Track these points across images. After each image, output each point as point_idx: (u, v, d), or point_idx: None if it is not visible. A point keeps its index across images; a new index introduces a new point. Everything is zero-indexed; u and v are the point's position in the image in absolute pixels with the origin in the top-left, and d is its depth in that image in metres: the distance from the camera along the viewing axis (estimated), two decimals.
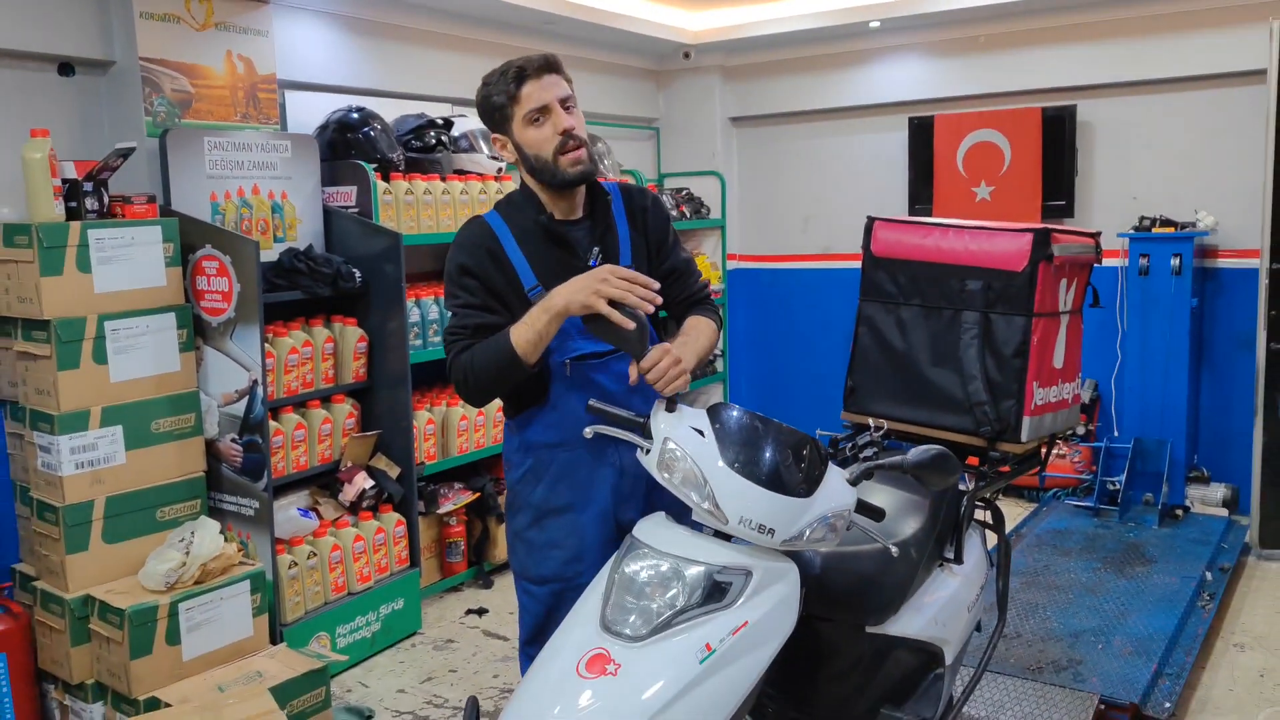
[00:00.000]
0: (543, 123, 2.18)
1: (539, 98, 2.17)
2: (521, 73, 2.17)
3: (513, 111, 2.19)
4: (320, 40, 4.48)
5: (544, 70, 2.19)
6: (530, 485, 2.30)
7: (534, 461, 2.29)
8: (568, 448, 2.26)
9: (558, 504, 2.28)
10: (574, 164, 2.21)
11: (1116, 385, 5.57)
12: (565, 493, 2.28)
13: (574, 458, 2.27)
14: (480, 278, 2.21)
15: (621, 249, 2.32)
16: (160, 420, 3.37)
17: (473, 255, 2.23)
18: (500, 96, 2.20)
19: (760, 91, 6.58)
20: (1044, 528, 4.96)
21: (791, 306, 6.73)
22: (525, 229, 2.26)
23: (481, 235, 2.25)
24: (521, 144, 2.21)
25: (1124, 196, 5.57)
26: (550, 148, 2.19)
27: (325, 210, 4.12)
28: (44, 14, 3.46)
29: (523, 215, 2.28)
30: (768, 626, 1.99)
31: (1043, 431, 3.01)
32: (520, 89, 2.17)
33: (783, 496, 2.00)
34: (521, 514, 2.33)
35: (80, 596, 3.18)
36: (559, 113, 2.18)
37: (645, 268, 2.33)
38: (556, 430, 2.27)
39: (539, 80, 2.18)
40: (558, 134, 2.18)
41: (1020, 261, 2.90)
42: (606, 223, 2.32)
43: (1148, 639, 3.66)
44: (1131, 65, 5.43)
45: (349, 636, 3.86)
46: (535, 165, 2.23)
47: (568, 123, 2.18)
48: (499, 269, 2.23)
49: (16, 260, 3.12)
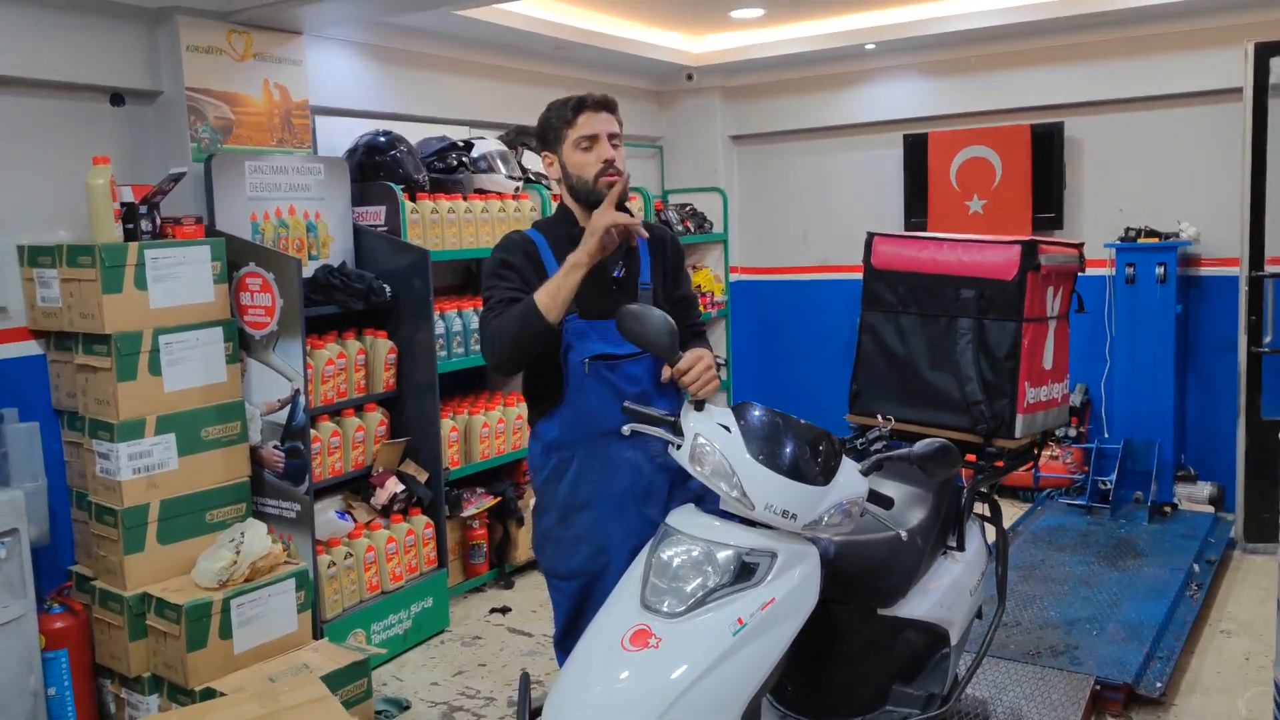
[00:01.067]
0: (589, 149, 2.47)
1: (591, 127, 2.46)
2: (581, 103, 2.46)
3: (566, 134, 2.48)
4: (348, 68, 4.72)
5: (601, 107, 2.47)
6: (554, 485, 2.53)
7: (556, 462, 2.53)
8: (584, 445, 2.50)
9: (580, 500, 2.51)
10: (609, 186, 2.47)
11: (1106, 389, 5.80)
12: (586, 489, 2.50)
13: (591, 455, 2.50)
14: (518, 270, 2.48)
15: (643, 269, 2.60)
16: (209, 428, 3.58)
17: (512, 253, 2.51)
18: (558, 120, 2.49)
19: (760, 111, 6.84)
20: (1039, 525, 5.18)
21: (792, 317, 6.96)
22: (559, 240, 2.53)
23: (521, 240, 2.55)
24: (567, 164, 2.50)
25: (1110, 209, 5.82)
26: (592, 171, 2.47)
27: (355, 229, 4.34)
28: (97, 49, 3.69)
29: (557, 229, 2.57)
30: (792, 602, 2.21)
31: (1035, 428, 3.24)
32: (577, 116, 2.46)
33: (803, 485, 2.21)
34: (549, 514, 2.56)
35: (138, 594, 3.38)
36: (605, 144, 2.47)
37: (661, 290, 2.61)
38: (573, 429, 2.50)
39: (595, 114, 2.46)
40: (600, 161, 2.46)
41: (1010, 271, 3.12)
42: (631, 244, 2.58)
43: (1139, 625, 3.89)
44: (1116, 84, 5.69)
45: (383, 633, 4.06)
46: (575, 184, 2.51)
47: (610, 154, 2.48)
48: (534, 267, 2.50)
49: (79, 279, 3.34)
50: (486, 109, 5.43)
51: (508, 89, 5.56)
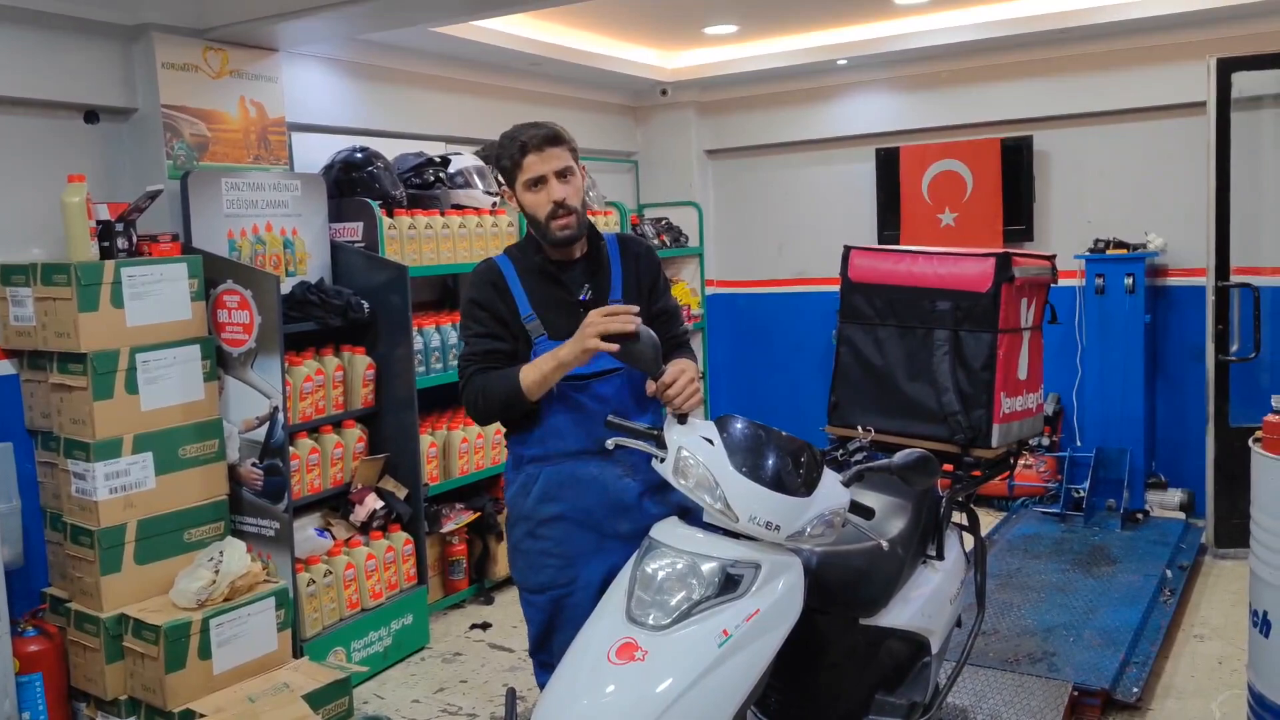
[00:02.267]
0: (539, 190, 2.46)
1: (537, 169, 2.44)
2: (524, 146, 2.43)
3: (515, 175, 2.48)
4: (324, 84, 4.72)
5: (545, 143, 2.44)
6: (522, 498, 2.55)
7: (525, 476, 2.55)
8: (553, 461, 2.52)
9: (547, 514, 2.52)
10: (561, 229, 2.48)
11: (1078, 398, 5.88)
12: (552, 503, 2.52)
13: (559, 470, 2.52)
14: (487, 309, 2.52)
15: (613, 285, 2.61)
16: (187, 446, 3.56)
17: (481, 290, 2.54)
18: (506, 161, 2.49)
19: (734, 125, 6.89)
20: (1015, 533, 5.24)
21: (768, 329, 7.00)
22: (527, 267, 2.56)
23: (488, 272, 2.57)
24: (521, 202, 2.51)
25: (1079, 220, 5.91)
26: (543, 213, 2.47)
27: (333, 245, 4.33)
28: (72, 66, 3.67)
29: (525, 256, 2.59)
30: (777, 612, 2.23)
31: (1011, 437, 3.28)
32: (523, 158, 2.44)
33: (786, 496, 2.24)
34: (518, 526, 2.58)
35: (115, 615, 3.35)
36: (554, 184, 2.45)
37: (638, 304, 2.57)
38: (541, 445, 2.52)
39: (540, 153, 2.43)
40: (550, 203, 2.45)
41: (985, 283, 3.17)
42: (599, 264, 2.60)
43: (1115, 631, 3.94)
44: (1083, 98, 5.79)
45: (363, 651, 4.04)
46: (532, 223, 2.53)
47: (559, 194, 2.45)
48: (502, 299, 2.53)
49: (54, 298, 3.31)
50: (463, 124, 5.44)
51: (484, 104, 5.58)
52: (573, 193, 2.47)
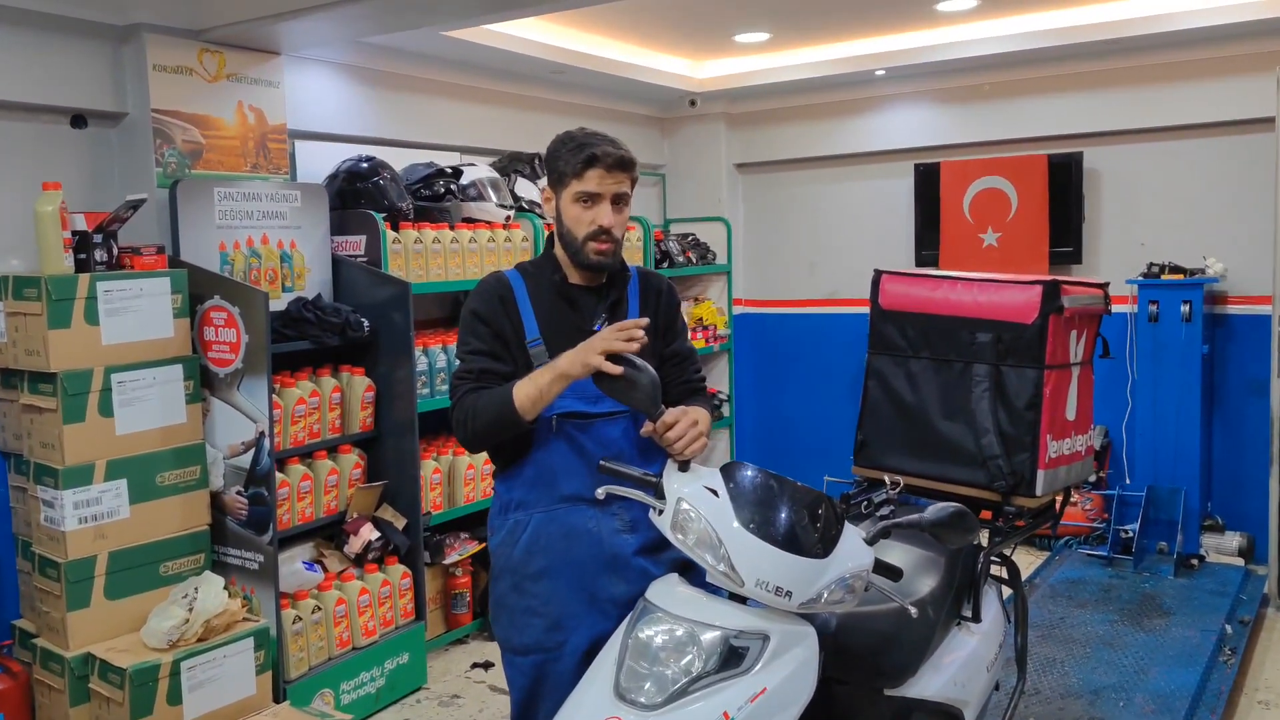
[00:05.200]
0: (589, 207, 2.25)
1: (596, 185, 2.23)
2: (593, 160, 2.22)
3: (570, 182, 2.26)
4: (330, 90, 4.50)
5: (615, 166, 2.25)
6: (509, 547, 2.30)
7: (512, 523, 2.29)
8: (542, 508, 2.26)
9: (535, 568, 2.26)
10: (598, 253, 2.27)
11: (1128, 432, 5.52)
12: (541, 556, 2.26)
13: (549, 519, 2.26)
14: (490, 324, 2.28)
15: (630, 316, 2.35)
16: (165, 473, 3.34)
17: (486, 303, 2.30)
18: (564, 165, 2.26)
19: (765, 138, 6.61)
20: (1058, 578, 4.89)
21: (798, 352, 6.70)
22: (540, 285, 2.33)
23: (497, 285, 2.33)
24: (563, 212, 2.29)
25: (1132, 243, 5.56)
26: (583, 231, 2.26)
27: (334, 259, 4.11)
28: (57, 67, 3.48)
29: (540, 273, 2.36)
30: (787, 692, 1.96)
31: (1057, 484, 2.98)
32: (586, 170, 2.23)
33: (799, 558, 1.97)
34: (503, 579, 2.32)
35: (81, 655, 3.13)
36: (605, 207, 2.25)
37: (650, 343, 2.35)
38: (532, 489, 2.26)
39: (605, 172, 2.24)
40: (595, 225, 2.25)
41: (1030, 314, 2.89)
42: (619, 294, 2.37)
43: (1170, 696, 3.59)
44: (1138, 113, 5.44)
45: (353, 693, 3.79)
46: (565, 235, 2.30)
47: (607, 221, 2.25)
48: (508, 317, 2.29)
49: (25, 313, 3.11)
50: (478, 134, 5.21)
51: (501, 114, 5.34)
52: (620, 223, 2.29)
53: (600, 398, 2.20)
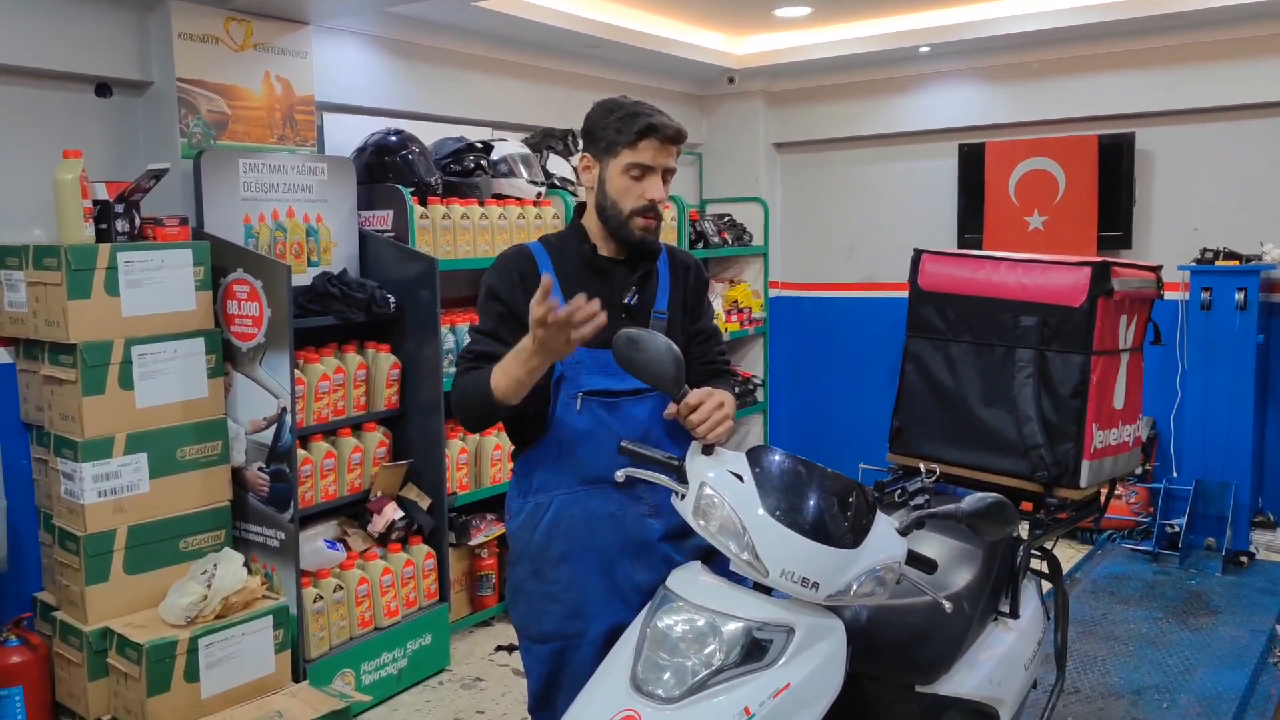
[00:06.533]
0: (639, 180, 2.14)
1: (650, 158, 2.13)
2: (651, 130, 2.12)
3: (620, 151, 2.14)
4: (359, 62, 4.43)
5: (671, 139, 2.15)
6: (528, 532, 2.20)
7: (532, 506, 2.20)
8: (564, 490, 2.16)
9: (556, 553, 2.17)
10: (644, 229, 2.17)
11: (1175, 424, 5.33)
12: (562, 541, 2.16)
13: (571, 502, 2.16)
14: (505, 302, 2.17)
15: (659, 295, 2.26)
16: (186, 448, 3.30)
17: (503, 278, 2.19)
18: (615, 133, 2.14)
19: (805, 117, 6.46)
20: (1100, 572, 4.74)
21: (834, 337, 6.57)
22: (565, 257, 2.22)
23: (517, 259, 2.21)
24: (608, 183, 2.17)
25: (1184, 228, 5.36)
26: (630, 204, 2.15)
27: (361, 234, 4.04)
28: (82, 35, 3.44)
29: (566, 244, 2.24)
30: (812, 689, 1.86)
31: (1102, 476, 2.86)
32: (640, 140, 2.12)
33: (828, 547, 1.87)
34: (520, 564, 2.23)
35: (99, 629, 3.10)
36: (657, 180, 2.16)
37: (679, 320, 2.28)
38: (554, 471, 2.17)
39: (661, 145, 2.14)
40: (644, 198, 2.14)
41: (1078, 296, 2.76)
42: (650, 267, 2.27)
43: (1216, 698, 3.45)
44: (1194, 92, 5.24)
45: (374, 674, 3.74)
46: (608, 206, 2.18)
47: (658, 194, 2.16)
48: (527, 292, 2.14)
49: (45, 283, 3.07)
50: (510, 110, 5.12)
51: (533, 89, 5.24)
52: (665, 199, 2.19)
53: (628, 375, 2.10)
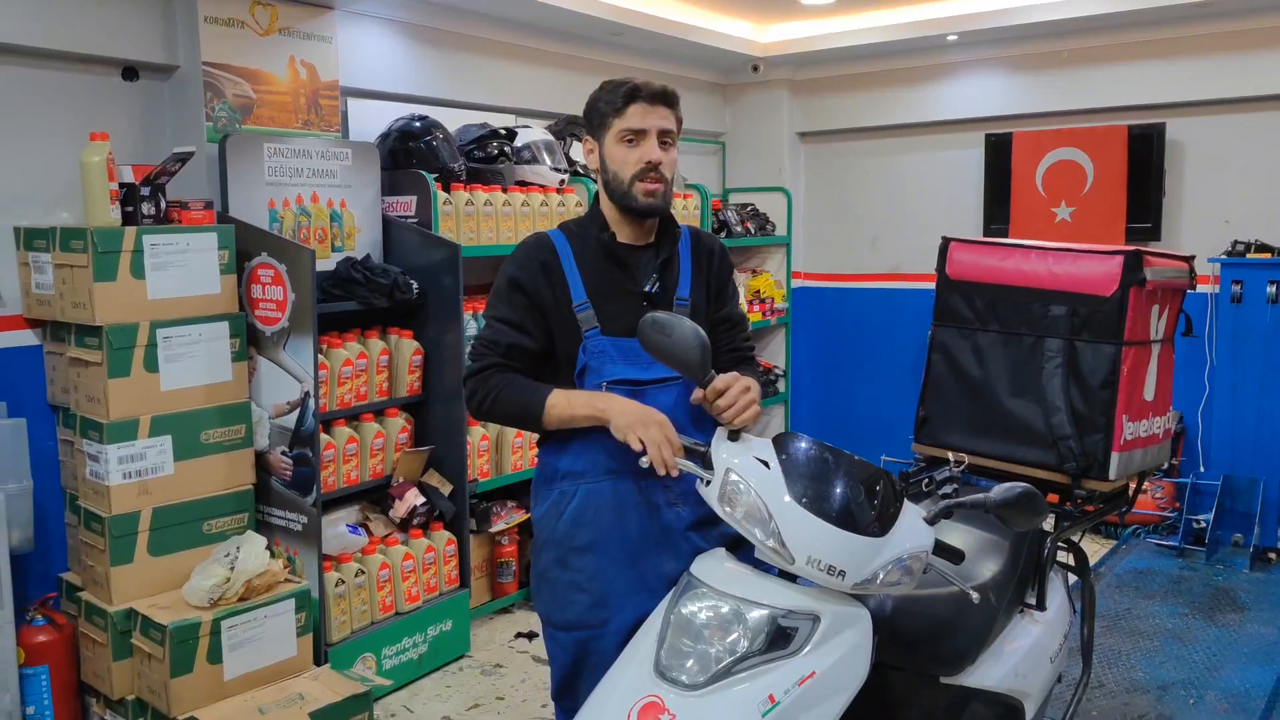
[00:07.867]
0: (634, 145, 2.13)
1: (640, 121, 2.13)
2: (635, 92, 2.12)
3: (611, 123, 2.15)
4: (384, 48, 4.42)
5: (657, 99, 2.14)
6: (553, 520, 2.19)
7: (557, 494, 2.19)
8: (591, 478, 2.15)
9: (581, 541, 2.15)
10: (647, 194, 2.15)
11: (1204, 417, 5.27)
12: (588, 529, 2.15)
13: (598, 490, 2.14)
14: (528, 293, 2.15)
15: (681, 281, 2.24)
16: (210, 431, 3.31)
17: (525, 268, 2.17)
18: (605, 105, 2.16)
19: (830, 106, 6.41)
20: (1125, 567, 4.69)
21: (858, 328, 6.53)
22: (585, 245, 2.20)
23: (538, 248, 2.20)
24: (607, 157, 2.18)
25: (1215, 220, 5.28)
26: (630, 171, 2.14)
27: (384, 220, 4.04)
28: (109, 18, 3.44)
29: (585, 232, 2.23)
30: (837, 677, 1.85)
31: (1132, 468, 2.82)
32: (627, 106, 2.13)
33: (854, 535, 1.85)
34: (545, 552, 2.22)
35: (123, 610, 3.11)
36: (652, 142, 2.14)
37: (703, 307, 2.26)
38: (580, 459, 2.15)
39: (649, 106, 2.13)
40: (641, 162, 2.13)
41: (1110, 285, 2.72)
42: (670, 252, 2.25)
43: (1244, 695, 3.41)
44: (1225, 82, 5.16)
45: (395, 658, 3.75)
46: (611, 182, 2.17)
47: (655, 155, 2.13)
48: (549, 283, 2.16)
49: (71, 265, 3.08)
50: (534, 97, 5.10)
51: (558, 76, 5.22)
52: (669, 163, 2.16)
53: (652, 363, 2.08)
